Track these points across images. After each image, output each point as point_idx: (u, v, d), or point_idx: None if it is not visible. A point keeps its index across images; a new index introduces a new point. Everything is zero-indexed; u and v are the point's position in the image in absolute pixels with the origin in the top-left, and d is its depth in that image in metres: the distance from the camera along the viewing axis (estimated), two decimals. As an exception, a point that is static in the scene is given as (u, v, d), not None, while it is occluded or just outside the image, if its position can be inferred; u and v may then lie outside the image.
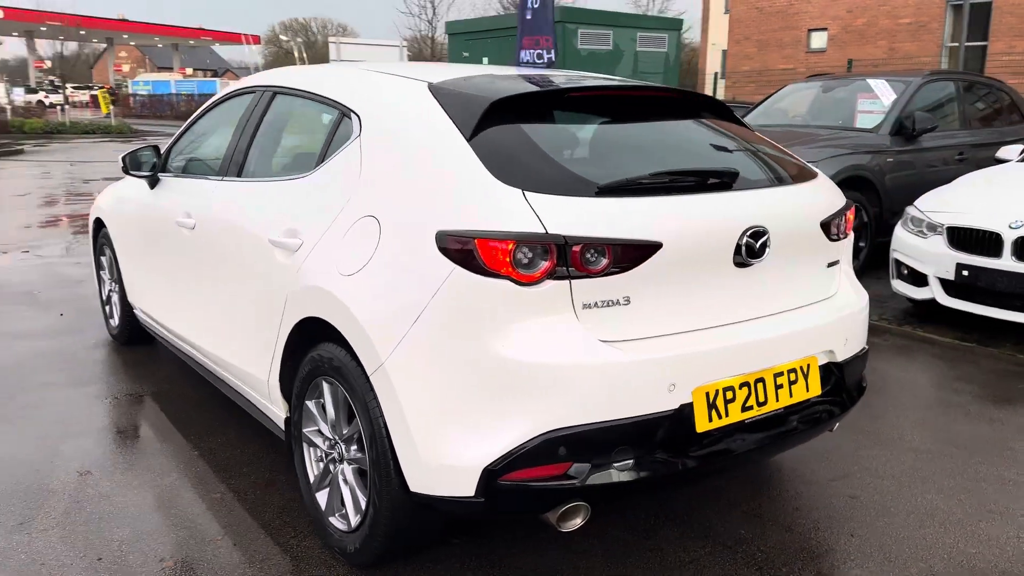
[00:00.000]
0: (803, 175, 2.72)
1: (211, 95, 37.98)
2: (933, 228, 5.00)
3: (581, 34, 12.40)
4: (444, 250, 2.10)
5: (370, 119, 2.56)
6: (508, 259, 2.07)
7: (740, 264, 2.37)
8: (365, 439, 2.28)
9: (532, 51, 9.49)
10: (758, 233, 2.37)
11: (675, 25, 14.50)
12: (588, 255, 2.12)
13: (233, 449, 3.20)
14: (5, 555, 2.47)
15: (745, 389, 2.35)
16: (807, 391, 2.50)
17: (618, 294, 2.19)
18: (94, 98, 39.47)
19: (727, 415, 2.32)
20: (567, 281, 2.11)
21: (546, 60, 9.45)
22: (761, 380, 2.39)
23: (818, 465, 3.13)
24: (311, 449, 2.56)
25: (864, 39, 18.51)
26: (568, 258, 2.10)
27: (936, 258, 4.91)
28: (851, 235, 2.81)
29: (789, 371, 2.46)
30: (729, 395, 2.32)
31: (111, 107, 28.73)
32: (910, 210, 5.27)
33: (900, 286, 5.24)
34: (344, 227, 2.37)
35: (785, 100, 8.11)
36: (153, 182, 3.73)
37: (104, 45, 56.24)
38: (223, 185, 3.12)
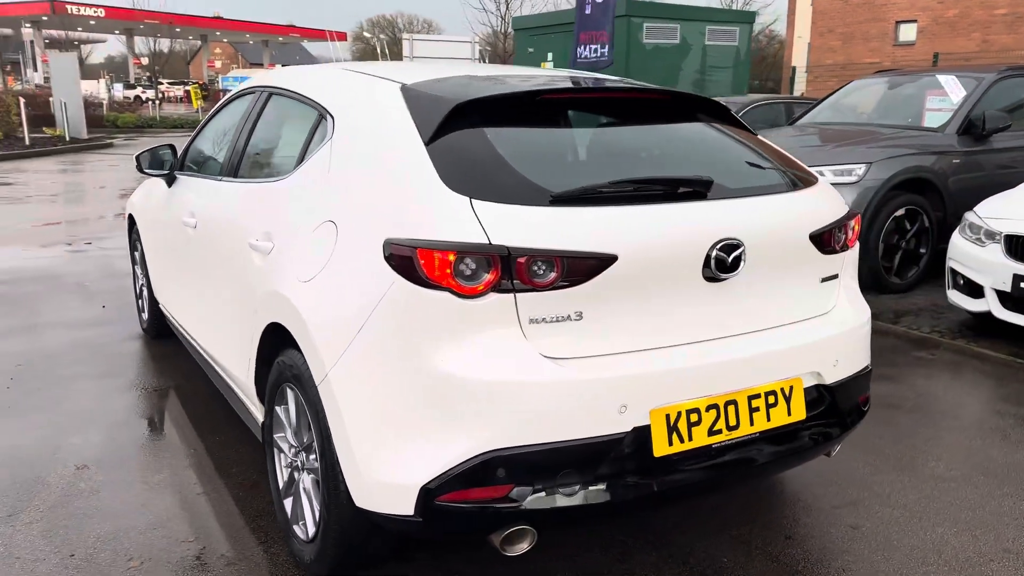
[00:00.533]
0: (798, 183, 2.55)
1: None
2: (991, 236, 4.67)
3: (647, 28, 12.16)
4: (389, 258, 2.04)
5: (342, 121, 2.52)
6: (449, 270, 1.99)
7: (711, 279, 2.22)
8: (316, 450, 2.23)
9: (589, 46, 9.35)
10: (731, 246, 2.22)
11: (747, 18, 14.10)
12: (535, 268, 2.02)
13: (228, 448, 3.22)
14: (-14, 546, 2.53)
15: (713, 412, 2.21)
16: (789, 415, 2.33)
17: (569, 309, 2.08)
18: (187, 93, 41.04)
19: (691, 439, 2.18)
20: (512, 295, 2.01)
21: (600, 56, 9.29)
22: (733, 403, 2.24)
23: (825, 489, 2.95)
24: (279, 455, 2.55)
25: (956, 31, 17.60)
26: (513, 271, 2.01)
27: (993, 268, 4.59)
28: (855, 247, 2.64)
29: (767, 393, 2.30)
30: (694, 418, 2.18)
31: (202, 102, 29.80)
32: (969, 216, 4.94)
33: (955, 297, 4.93)
34: (308, 231, 2.34)
35: (851, 96, 7.75)
36: (170, 180, 3.80)
37: (199, 43, 58.32)
38: (220, 186, 3.15)
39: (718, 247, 2.20)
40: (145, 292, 4.50)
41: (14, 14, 36.92)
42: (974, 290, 4.76)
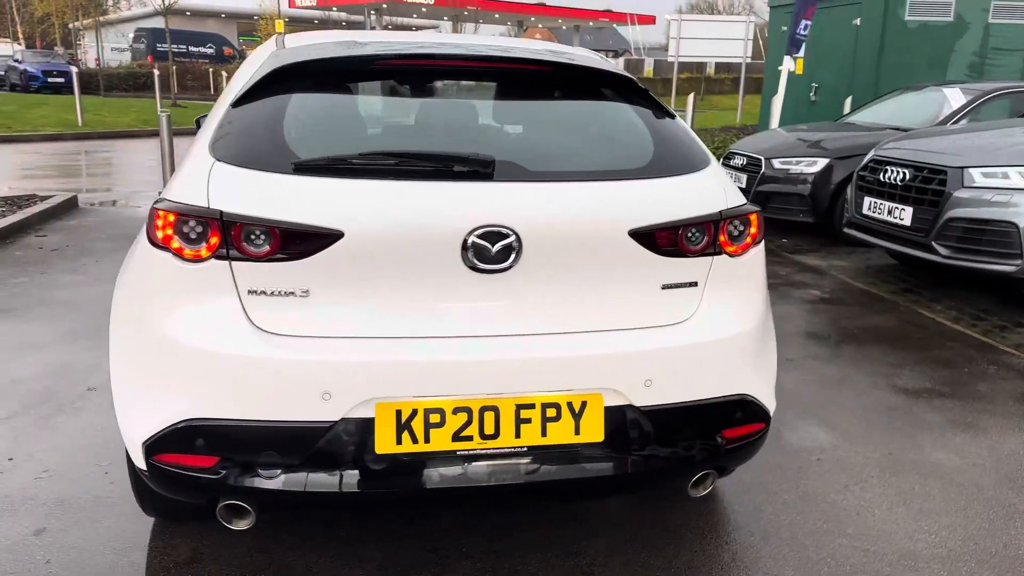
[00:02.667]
0: (662, 172, 2.29)
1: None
2: None
3: (910, 3, 11.29)
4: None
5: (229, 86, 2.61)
6: (171, 231, 2.01)
7: (477, 269, 2.06)
8: None
9: (808, 23, 9.08)
10: (496, 234, 2.04)
11: (1044, -9, 12.36)
12: (252, 236, 1.99)
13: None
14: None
15: (462, 415, 2.05)
16: (577, 435, 2.11)
17: (294, 285, 2.02)
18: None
19: (428, 441, 2.04)
20: (228, 262, 2.00)
21: (803, 33, 9.00)
22: (492, 409, 2.06)
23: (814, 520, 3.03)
24: None
25: None
26: (230, 238, 1.99)
27: None
28: (748, 254, 2.32)
29: (545, 405, 2.09)
30: (435, 419, 2.04)
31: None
32: None
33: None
34: None
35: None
36: None
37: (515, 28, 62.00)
38: None
39: (476, 234, 2.04)
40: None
41: (360, 2, 42.18)
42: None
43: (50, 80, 28.15)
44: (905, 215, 5.79)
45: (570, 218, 2.14)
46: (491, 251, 2.04)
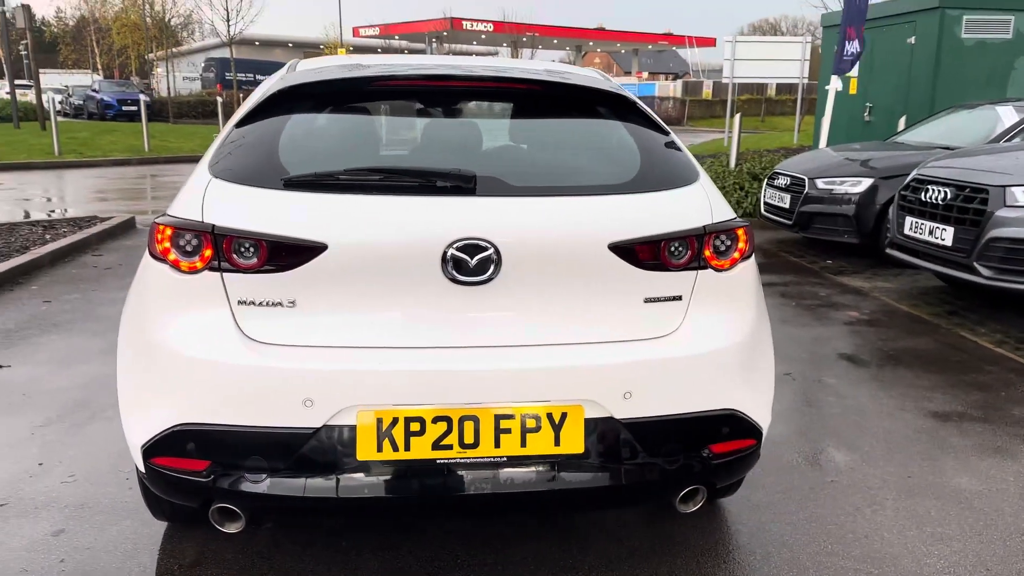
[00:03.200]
0: (648, 187, 2.31)
1: (649, 96, 39.64)
2: None
3: (967, 21, 11.03)
4: None
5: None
6: (168, 244, 2.12)
7: (457, 281, 2.11)
8: None
9: (854, 42, 8.97)
10: (474, 247, 2.09)
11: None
12: (241, 248, 2.08)
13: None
14: None
15: (442, 424, 2.09)
16: (556, 446, 2.13)
17: (281, 295, 2.10)
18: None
19: (408, 449, 2.09)
20: (219, 274, 2.10)
21: (858, 52, 8.86)
22: (472, 419, 2.10)
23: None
24: None
25: None
26: (221, 250, 2.08)
27: None
28: (735, 269, 2.33)
29: (525, 416, 2.12)
30: (415, 427, 2.08)
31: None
32: None
33: None
34: None
35: None
36: None
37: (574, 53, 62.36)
38: None
39: (455, 247, 2.09)
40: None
41: (420, 30, 42.99)
42: None
43: (124, 108, 29.40)
44: (947, 235, 5.65)
45: (549, 231, 2.17)
46: (470, 264, 2.09)
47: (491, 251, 2.10)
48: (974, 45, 11.27)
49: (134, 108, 28.34)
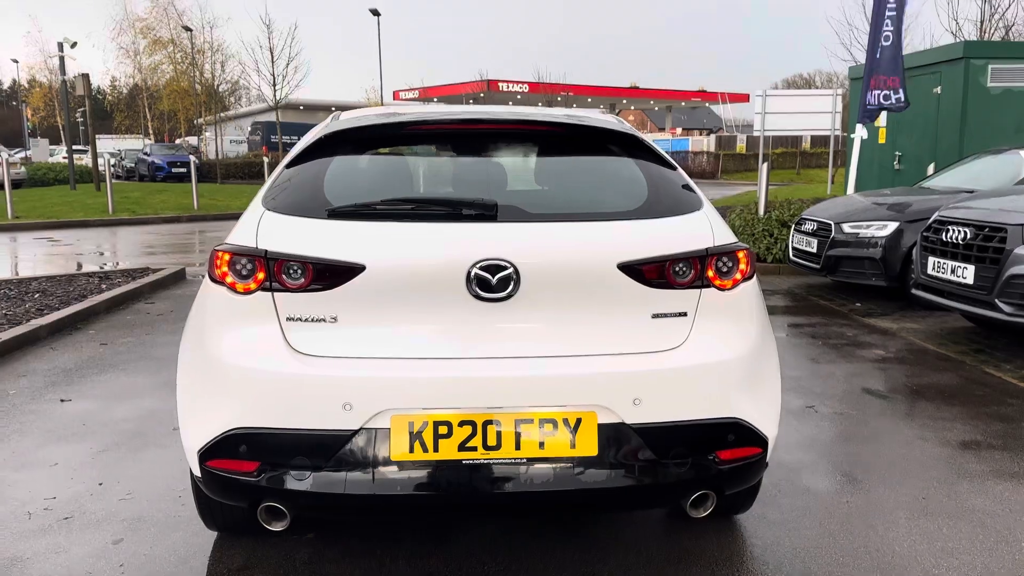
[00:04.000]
0: (655, 213, 2.53)
1: (683, 151, 39.96)
2: None
3: (992, 70, 11.20)
4: None
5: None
6: (226, 268, 2.40)
7: (480, 298, 2.33)
8: None
9: (880, 92, 9.18)
10: (495, 267, 2.32)
11: None
12: (290, 270, 2.34)
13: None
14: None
15: (467, 428, 2.29)
16: (573, 448, 2.32)
17: (324, 312, 2.34)
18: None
19: (437, 450, 2.29)
20: (270, 293, 2.36)
21: (896, 100, 9.05)
22: (494, 423, 2.30)
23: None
24: None
25: None
26: (273, 272, 2.35)
27: None
28: (738, 288, 2.52)
29: (543, 420, 2.32)
30: (443, 430, 2.29)
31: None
32: None
33: None
34: None
35: None
36: None
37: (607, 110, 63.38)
38: None
39: (479, 266, 2.31)
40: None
41: (458, 92, 44.17)
42: None
43: (173, 170, 30.57)
44: (968, 274, 5.76)
45: (563, 252, 2.40)
46: (492, 281, 2.31)
47: (511, 270, 2.32)
48: (1001, 93, 11.41)
49: (183, 170, 29.46)
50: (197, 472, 2.48)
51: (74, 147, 27.31)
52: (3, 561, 2.93)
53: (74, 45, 27.42)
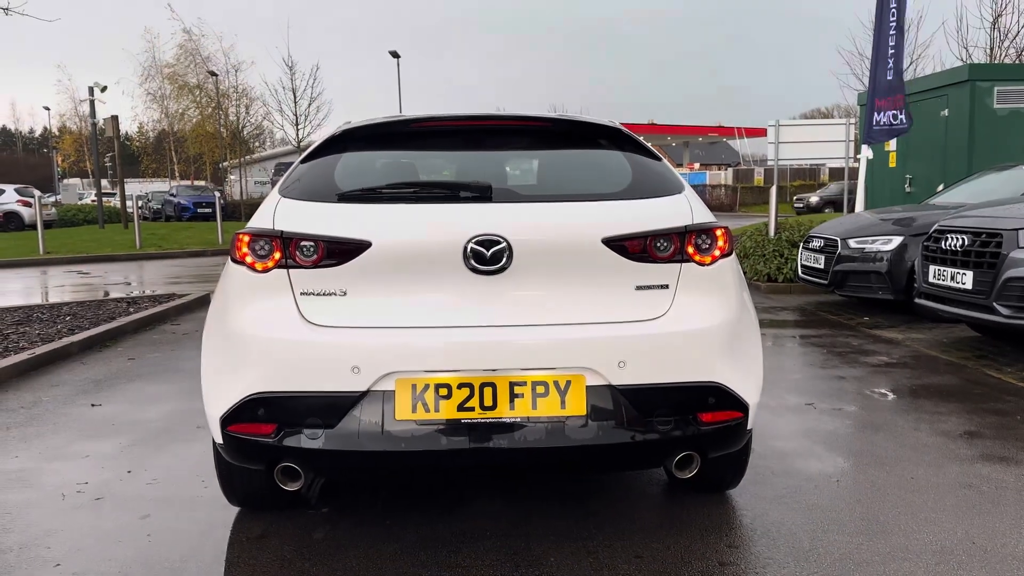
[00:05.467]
0: (638, 194, 2.74)
1: (701, 184, 40.10)
2: None
3: (998, 92, 11.38)
4: None
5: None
6: (246, 249, 2.63)
7: (477, 271, 2.53)
8: None
9: (886, 112, 9.34)
10: (489, 242, 2.52)
11: None
12: (303, 249, 2.56)
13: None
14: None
15: (466, 390, 2.49)
16: (563, 408, 2.50)
17: (335, 286, 2.56)
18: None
19: (438, 411, 2.49)
20: (286, 270, 2.58)
21: (899, 122, 9.22)
22: (490, 384, 2.49)
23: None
24: None
25: None
26: (288, 251, 2.57)
27: None
28: (717, 264, 2.70)
29: (535, 383, 2.50)
30: (443, 392, 2.49)
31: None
32: None
33: None
34: None
35: None
36: None
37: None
38: None
39: (474, 241, 2.52)
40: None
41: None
42: None
43: (199, 210, 31.25)
44: (966, 279, 5.90)
45: (551, 228, 2.62)
46: (486, 255, 2.52)
47: (504, 245, 2.53)
48: (1008, 114, 11.57)
49: (209, 210, 30.09)
50: (219, 439, 2.68)
51: (103, 190, 28.06)
52: (39, 533, 3.14)
53: (104, 89, 28.34)
